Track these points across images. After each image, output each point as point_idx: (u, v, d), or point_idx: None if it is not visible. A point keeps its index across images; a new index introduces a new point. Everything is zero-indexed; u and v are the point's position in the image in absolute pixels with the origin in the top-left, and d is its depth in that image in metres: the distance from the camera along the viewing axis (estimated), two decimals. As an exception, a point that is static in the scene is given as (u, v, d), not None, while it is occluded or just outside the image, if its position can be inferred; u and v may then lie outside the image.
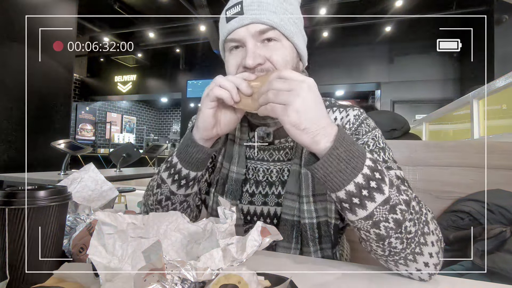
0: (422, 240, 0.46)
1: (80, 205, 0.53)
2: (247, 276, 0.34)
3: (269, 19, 0.57)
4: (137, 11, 7.27)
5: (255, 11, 0.57)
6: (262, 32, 0.57)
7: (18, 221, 0.36)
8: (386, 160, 0.59)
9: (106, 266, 0.36)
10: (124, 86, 9.47)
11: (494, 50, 5.11)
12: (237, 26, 0.58)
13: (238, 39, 0.59)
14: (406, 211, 0.45)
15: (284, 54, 0.59)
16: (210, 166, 0.74)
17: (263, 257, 0.56)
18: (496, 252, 0.73)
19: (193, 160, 0.58)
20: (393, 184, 0.45)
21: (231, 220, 0.47)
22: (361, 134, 0.62)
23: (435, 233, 0.49)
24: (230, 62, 0.61)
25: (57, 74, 3.71)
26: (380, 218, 0.44)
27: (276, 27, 0.58)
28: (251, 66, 0.56)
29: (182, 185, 0.60)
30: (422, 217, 0.47)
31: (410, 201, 0.46)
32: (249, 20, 0.57)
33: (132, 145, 3.51)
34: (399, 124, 1.56)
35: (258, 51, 0.58)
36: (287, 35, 0.59)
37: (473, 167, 0.98)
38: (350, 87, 7.88)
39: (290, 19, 0.60)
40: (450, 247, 0.88)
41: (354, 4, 5.75)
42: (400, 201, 0.45)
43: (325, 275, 0.50)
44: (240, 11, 0.57)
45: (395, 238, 0.45)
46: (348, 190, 0.43)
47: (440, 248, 0.49)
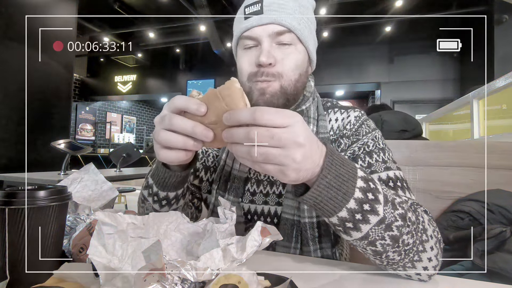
0: (421, 248, 0.46)
1: (80, 205, 0.53)
2: (247, 276, 0.34)
3: (288, 22, 0.57)
4: (137, 11, 7.27)
5: (274, 12, 0.57)
6: (279, 33, 0.58)
7: (18, 221, 0.36)
8: (385, 160, 0.59)
9: (106, 266, 0.36)
10: (124, 86, 9.47)
11: (494, 50, 5.11)
12: (255, 25, 0.58)
13: (254, 37, 0.59)
14: (402, 226, 0.43)
15: (296, 59, 0.60)
16: (211, 166, 0.75)
17: (263, 257, 0.56)
18: (496, 252, 0.73)
19: (167, 184, 0.53)
20: (388, 201, 0.43)
21: (231, 220, 0.47)
22: (361, 135, 0.63)
23: (433, 236, 0.48)
24: (244, 59, 0.61)
25: (57, 74, 3.71)
26: (376, 238, 0.42)
27: (293, 31, 0.58)
28: (265, 63, 0.56)
29: (164, 205, 0.57)
30: (420, 226, 0.46)
31: (406, 213, 0.44)
32: (268, 20, 0.57)
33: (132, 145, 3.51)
34: (410, 125, 1.47)
35: (273, 51, 0.58)
36: (302, 39, 0.60)
37: (473, 167, 0.98)
38: (350, 87, 7.88)
39: (306, 23, 0.61)
40: (450, 247, 0.88)
41: (354, 4, 5.74)
42: (395, 218, 0.43)
43: (325, 275, 0.50)
44: (259, 10, 0.57)
45: (392, 252, 0.44)
46: (340, 216, 0.41)
47: (439, 249, 0.48)
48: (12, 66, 3.19)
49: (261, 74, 0.58)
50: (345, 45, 7.31)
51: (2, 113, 3.11)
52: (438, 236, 0.50)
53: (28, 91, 3.35)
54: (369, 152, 0.62)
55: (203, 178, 0.75)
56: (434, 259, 0.47)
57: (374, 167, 0.59)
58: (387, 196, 0.43)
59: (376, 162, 0.60)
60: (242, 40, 0.61)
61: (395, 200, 0.44)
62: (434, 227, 0.50)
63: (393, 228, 0.42)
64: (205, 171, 0.75)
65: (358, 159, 0.62)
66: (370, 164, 0.60)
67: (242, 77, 0.62)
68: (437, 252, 0.48)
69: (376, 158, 0.60)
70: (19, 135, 3.27)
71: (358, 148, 0.63)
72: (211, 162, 0.75)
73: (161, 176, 0.53)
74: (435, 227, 0.50)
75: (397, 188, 0.56)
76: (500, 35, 5.12)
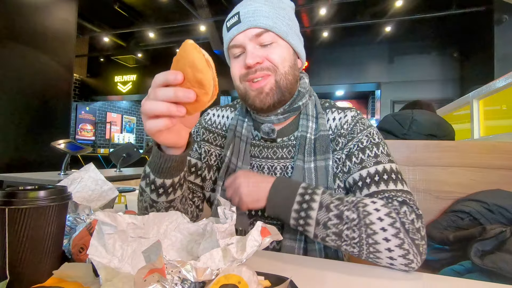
0: (371, 241, 0.52)
1: (80, 205, 0.53)
2: (247, 276, 0.34)
3: (263, 23, 0.63)
4: (137, 11, 7.27)
5: (250, 18, 0.63)
6: (258, 35, 0.63)
7: (18, 221, 0.36)
8: (377, 155, 0.64)
9: (106, 266, 0.36)
10: (124, 86, 9.47)
11: (494, 50, 5.11)
12: (236, 33, 0.64)
13: (238, 44, 0.65)
14: (339, 223, 0.54)
15: (281, 52, 0.65)
16: (214, 164, 0.76)
17: (263, 257, 0.56)
18: (496, 252, 0.73)
19: (163, 170, 0.55)
20: (322, 206, 0.55)
21: (231, 220, 0.47)
22: (355, 133, 0.68)
23: (387, 229, 0.52)
24: (234, 66, 0.68)
25: (57, 74, 3.71)
26: (323, 236, 0.55)
27: (270, 29, 0.64)
28: (251, 64, 0.62)
29: (161, 193, 0.58)
30: (362, 221, 0.53)
31: (342, 213, 0.54)
32: (246, 26, 0.63)
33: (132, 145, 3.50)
34: (441, 131, 1.28)
35: (257, 52, 0.64)
36: (281, 35, 0.65)
37: (473, 167, 0.98)
38: (350, 87, 7.88)
39: (283, 21, 0.66)
40: (450, 247, 0.88)
41: (354, 4, 5.74)
42: (329, 218, 0.54)
43: (325, 275, 0.50)
44: (238, 20, 0.64)
45: (345, 245, 0.54)
46: (292, 224, 0.58)
47: (403, 239, 0.51)
48: (12, 66, 3.19)
49: (254, 72, 0.63)
50: (345, 45, 7.31)
51: (2, 113, 3.11)
52: (400, 226, 0.52)
53: (28, 91, 3.35)
54: (362, 148, 0.65)
55: (206, 176, 0.76)
56: (396, 249, 0.51)
57: (365, 162, 0.64)
58: (322, 203, 0.55)
59: (367, 158, 0.64)
60: (230, 50, 0.68)
61: (331, 204, 0.55)
62: (393, 220, 0.53)
63: (330, 227, 0.54)
64: (208, 170, 0.76)
65: (352, 156, 0.66)
66: (362, 160, 0.64)
67: (235, 81, 0.68)
68: (400, 242, 0.51)
69: (368, 153, 0.64)
70: (19, 135, 3.28)
71: (353, 146, 0.67)
72: (213, 161, 0.76)
73: (157, 162, 0.54)
74: (394, 220, 0.53)
75: (381, 181, 0.61)
76: (500, 35, 5.12)
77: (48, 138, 3.20)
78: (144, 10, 7.24)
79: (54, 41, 3.66)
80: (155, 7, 6.95)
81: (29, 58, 3.37)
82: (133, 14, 7.25)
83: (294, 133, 0.72)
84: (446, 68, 6.73)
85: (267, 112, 0.69)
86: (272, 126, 0.70)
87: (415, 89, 6.89)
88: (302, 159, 0.67)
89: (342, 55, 7.34)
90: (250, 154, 0.73)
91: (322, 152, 0.66)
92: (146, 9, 7.20)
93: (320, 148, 0.67)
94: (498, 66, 5.02)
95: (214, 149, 0.77)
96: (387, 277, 0.50)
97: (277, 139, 0.72)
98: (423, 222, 0.56)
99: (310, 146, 0.67)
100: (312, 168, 0.66)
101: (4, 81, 3.11)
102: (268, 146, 0.72)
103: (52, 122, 3.65)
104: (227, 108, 0.82)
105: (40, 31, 3.49)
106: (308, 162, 0.66)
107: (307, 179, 0.65)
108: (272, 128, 0.70)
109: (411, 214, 0.55)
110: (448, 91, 6.69)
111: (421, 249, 0.52)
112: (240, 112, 0.77)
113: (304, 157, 0.67)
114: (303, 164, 0.66)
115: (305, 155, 0.67)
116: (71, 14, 3.92)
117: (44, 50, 3.54)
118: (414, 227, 0.53)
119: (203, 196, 0.77)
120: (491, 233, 0.76)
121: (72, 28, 3.93)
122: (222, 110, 0.82)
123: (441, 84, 6.77)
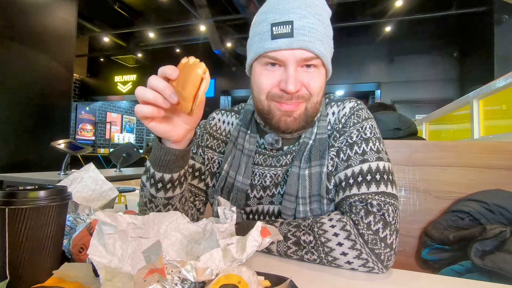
0: (330, 258, 0.53)
1: (80, 205, 0.53)
2: (247, 276, 0.34)
3: (317, 49, 0.57)
4: (137, 11, 7.27)
5: (305, 38, 0.56)
6: (307, 59, 0.57)
7: (18, 221, 0.36)
8: (365, 152, 0.61)
9: (106, 266, 0.36)
10: (124, 86, 9.47)
11: (494, 50, 5.11)
12: (284, 48, 0.56)
13: (280, 60, 0.57)
14: (297, 250, 0.56)
15: (321, 82, 0.60)
16: (217, 172, 0.75)
17: (263, 257, 0.56)
18: (496, 252, 0.73)
19: (163, 163, 0.55)
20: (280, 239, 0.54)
21: (231, 220, 0.47)
22: (348, 127, 0.65)
23: (343, 243, 0.52)
24: (265, 77, 0.60)
25: (57, 74, 3.70)
26: (291, 258, 0.57)
27: (321, 57, 0.58)
28: (292, 91, 0.56)
29: (160, 188, 0.58)
30: (318, 242, 0.54)
31: (299, 239, 0.56)
32: (298, 45, 0.55)
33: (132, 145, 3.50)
34: (404, 124, 1.52)
35: (299, 77, 0.58)
36: (326, 64, 0.61)
37: (473, 167, 0.98)
38: (350, 87, 7.88)
39: (330, 44, 0.61)
40: (450, 247, 0.88)
41: (354, 4, 5.74)
42: (288, 247, 0.56)
43: (325, 275, 0.50)
44: (289, 32, 0.55)
45: (311, 262, 0.55)
46: None
47: (360, 250, 0.51)
48: (12, 66, 3.19)
49: (289, 98, 0.58)
50: (345, 45, 7.31)
51: (2, 113, 3.11)
52: (348, 227, 0.53)
53: (28, 91, 3.35)
54: (351, 144, 0.63)
55: (209, 184, 0.75)
56: (349, 251, 0.52)
57: (351, 160, 0.62)
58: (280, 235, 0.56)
59: (354, 155, 0.62)
60: (264, 58, 0.59)
61: (288, 233, 0.57)
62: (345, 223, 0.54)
63: (291, 255, 0.56)
64: (211, 177, 0.75)
65: (340, 152, 0.64)
66: (349, 157, 0.62)
67: (259, 94, 0.61)
68: (358, 253, 0.51)
69: (356, 150, 0.62)
70: (19, 135, 3.27)
71: (343, 140, 0.64)
72: (216, 168, 0.75)
73: (157, 154, 0.54)
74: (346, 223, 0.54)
75: (363, 183, 0.58)
76: (500, 35, 5.12)
77: (48, 138, 3.20)
78: (144, 10, 7.25)
79: (54, 41, 3.66)
80: (155, 7, 6.95)
81: (29, 58, 3.37)
82: (133, 14, 7.25)
83: (299, 140, 0.69)
84: (446, 68, 6.73)
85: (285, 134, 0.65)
86: (276, 137, 0.66)
87: (415, 89, 6.89)
88: (298, 166, 0.65)
89: (342, 55, 7.33)
90: (254, 162, 0.70)
91: (318, 158, 0.64)
92: (146, 9, 7.21)
93: (316, 153, 0.64)
94: (498, 66, 5.02)
95: (217, 156, 0.75)
96: (387, 276, 0.50)
97: (283, 148, 0.69)
98: (393, 228, 0.54)
99: (307, 152, 0.65)
100: (306, 175, 0.63)
101: (4, 81, 3.11)
102: (274, 155, 0.69)
103: (52, 122, 3.65)
104: (232, 113, 0.79)
105: (40, 31, 3.48)
106: (303, 169, 0.64)
107: (301, 186, 0.63)
108: (276, 138, 0.66)
109: (378, 223, 0.53)
110: (448, 91, 6.69)
111: (382, 257, 0.51)
112: (243, 121, 0.72)
113: (300, 164, 0.64)
114: (298, 171, 0.64)
115: (302, 161, 0.64)
116: (71, 14, 3.91)
117: (44, 50, 3.53)
118: (377, 237, 0.52)
119: (205, 199, 0.77)
120: (491, 233, 0.76)
121: (72, 28, 3.93)
122: (227, 115, 0.79)
123: (441, 84, 6.77)
